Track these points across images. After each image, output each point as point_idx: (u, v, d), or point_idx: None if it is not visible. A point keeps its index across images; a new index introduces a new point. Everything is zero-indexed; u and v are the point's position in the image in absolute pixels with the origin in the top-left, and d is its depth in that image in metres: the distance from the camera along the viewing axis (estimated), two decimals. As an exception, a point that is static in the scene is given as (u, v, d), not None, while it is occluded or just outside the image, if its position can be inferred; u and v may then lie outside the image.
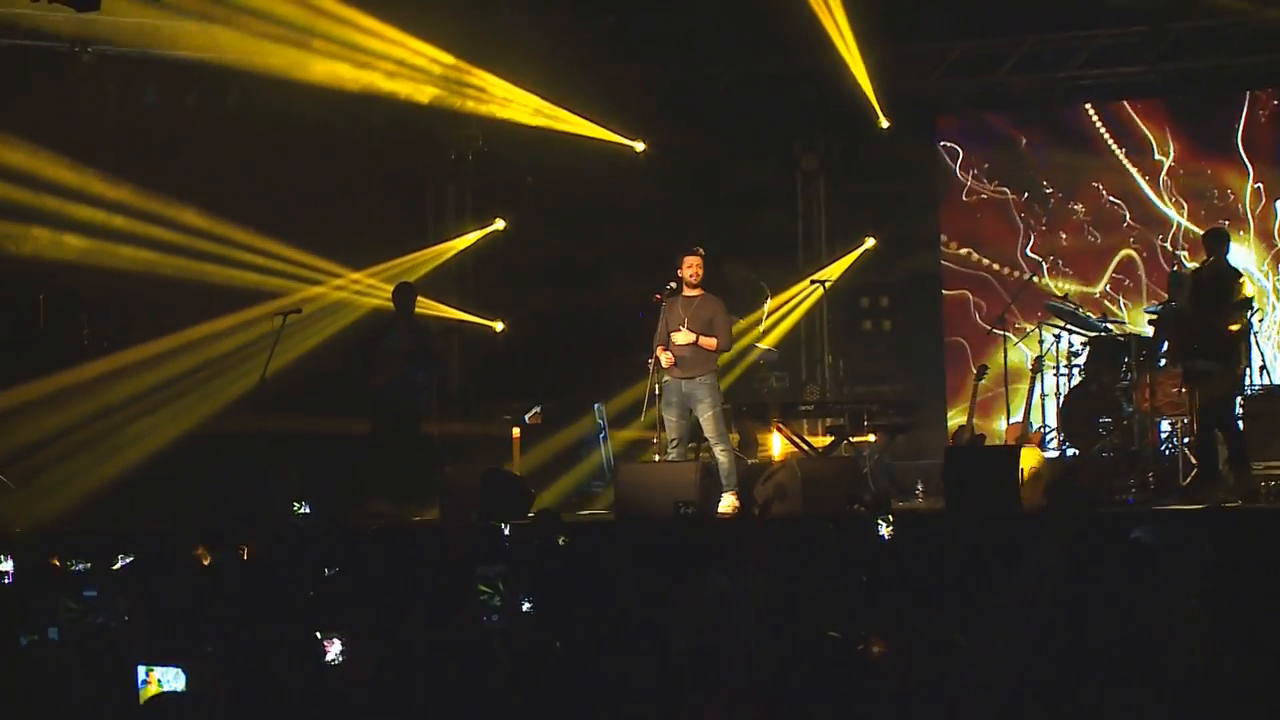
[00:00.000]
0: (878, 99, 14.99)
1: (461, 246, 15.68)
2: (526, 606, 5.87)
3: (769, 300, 15.26)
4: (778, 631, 5.21)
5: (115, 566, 7.89)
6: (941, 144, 16.00)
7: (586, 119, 15.01)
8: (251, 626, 5.43)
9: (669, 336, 11.69)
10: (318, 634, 4.90)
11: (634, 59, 15.23)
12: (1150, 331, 12.61)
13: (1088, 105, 15.55)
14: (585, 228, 15.21)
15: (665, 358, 11.58)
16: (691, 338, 11.65)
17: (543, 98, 14.82)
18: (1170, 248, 15.08)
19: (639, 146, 15.40)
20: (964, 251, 15.90)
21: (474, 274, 15.80)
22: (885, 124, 15.09)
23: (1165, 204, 15.34)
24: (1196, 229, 14.59)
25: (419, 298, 13.31)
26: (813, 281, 14.72)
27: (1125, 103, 15.45)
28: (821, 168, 16.00)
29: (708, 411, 11.68)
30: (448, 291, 15.43)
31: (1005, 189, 15.75)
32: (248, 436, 12.49)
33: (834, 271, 15.49)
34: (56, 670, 4.87)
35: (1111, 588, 5.69)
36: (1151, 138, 15.37)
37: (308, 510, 11.47)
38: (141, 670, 4.50)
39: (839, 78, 14.59)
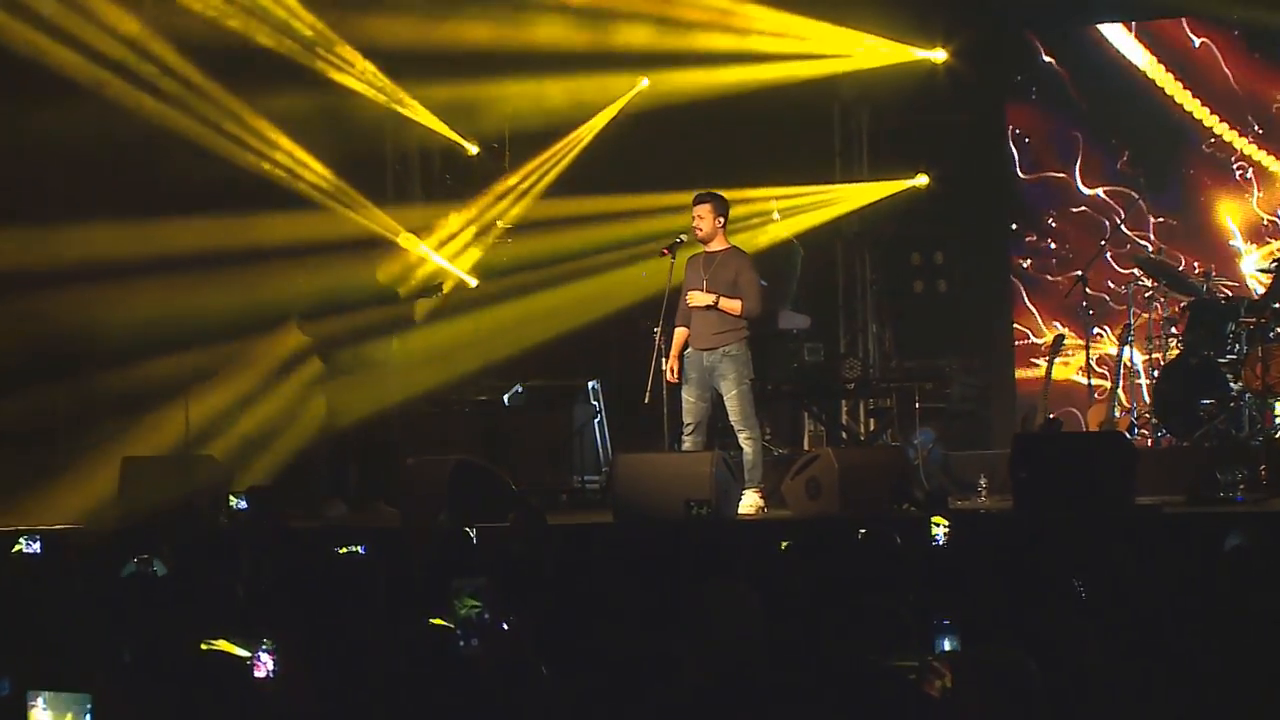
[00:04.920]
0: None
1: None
2: (505, 626, 5.87)
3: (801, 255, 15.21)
4: (811, 658, 5.19)
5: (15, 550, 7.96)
6: (1008, 66, 15.91)
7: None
8: (172, 644, 5.44)
9: (685, 301, 11.71)
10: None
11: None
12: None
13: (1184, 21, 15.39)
14: (581, 164, 15.17)
15: (670, 371, 11.66)
16: (710, 299, 11.64)
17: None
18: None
19: (644, 82, 15.37)
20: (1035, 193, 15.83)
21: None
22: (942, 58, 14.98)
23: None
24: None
25: None
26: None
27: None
28: (864, 94, 15.92)
29: (732, 390, 11.66)
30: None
31: (1082, 120, 15.63)
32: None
33: (865, 196, 15.42)
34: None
35: (1209, 600, 5.69)
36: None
37: (243, 506, 11.48)
38: (34, 698, 4.47)
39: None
